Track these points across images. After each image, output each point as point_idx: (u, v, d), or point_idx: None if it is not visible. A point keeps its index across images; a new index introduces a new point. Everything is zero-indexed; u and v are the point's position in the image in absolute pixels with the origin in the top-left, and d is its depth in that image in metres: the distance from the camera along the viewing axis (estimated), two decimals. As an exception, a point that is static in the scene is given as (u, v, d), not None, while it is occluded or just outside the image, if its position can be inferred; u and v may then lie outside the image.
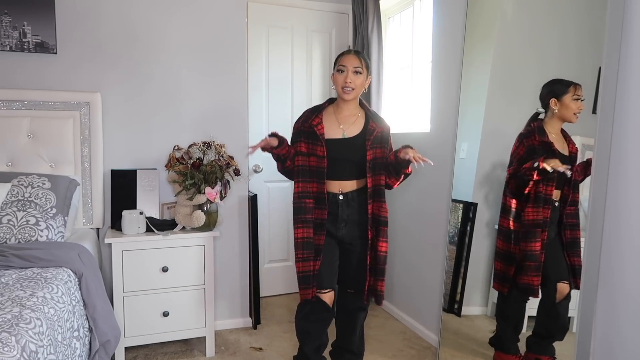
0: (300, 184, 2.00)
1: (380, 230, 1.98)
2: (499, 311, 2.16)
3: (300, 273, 1.97)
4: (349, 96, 1.96)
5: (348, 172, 1.99)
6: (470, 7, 2.29)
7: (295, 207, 1.99)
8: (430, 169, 2.71)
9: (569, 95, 1.86)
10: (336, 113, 2.03)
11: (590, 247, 1.70)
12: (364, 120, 2.03)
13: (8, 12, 2.41)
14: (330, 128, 1.99)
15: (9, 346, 1.24)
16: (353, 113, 2.03)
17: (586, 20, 1.90)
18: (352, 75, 1.93)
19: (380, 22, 3.15)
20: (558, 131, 1.93)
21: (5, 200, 2.14)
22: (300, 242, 1.96)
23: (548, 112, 1.95)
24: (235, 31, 2.81)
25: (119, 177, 2.57)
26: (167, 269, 2.43)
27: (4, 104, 2.40)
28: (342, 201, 1.99)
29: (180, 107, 2.75)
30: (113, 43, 2.60)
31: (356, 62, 1.94)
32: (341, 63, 1.96)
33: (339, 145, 1.97)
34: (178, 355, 2.55)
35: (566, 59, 1.99)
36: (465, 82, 2.33)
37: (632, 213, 1.58)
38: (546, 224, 1.96)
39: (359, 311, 2.10)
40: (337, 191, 1.99)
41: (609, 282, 1.66)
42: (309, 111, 2.05)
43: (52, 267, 1.87)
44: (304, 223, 1.96)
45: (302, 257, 1.96)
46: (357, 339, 2.13)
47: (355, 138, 1.99)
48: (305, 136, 1.99)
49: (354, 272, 2.04)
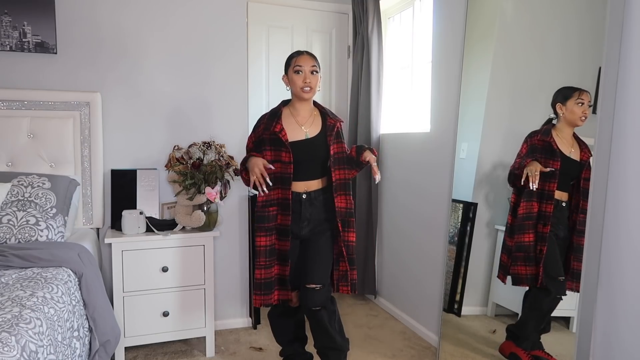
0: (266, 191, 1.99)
1: (348, 222, 2.03)
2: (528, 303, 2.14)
3: (261, 280, 1.99)
4: (308, 95, 1.99)
5: (313, 171, 2.03)
6: (470, 7, 2.29)
7: (259, 215, 2.01)
8: (430, 169, 2.73)
9: (573, 100, 1.92)
10: (294, 115, 2.05)
11: (590, 247, 1.70)
12: (320, 118, 2.08)
13: (8, 12, 2.41)
14: (292, 131, 2.01)
15: (9, 346, 1.24)
16: (310, 113, 2.07)
17: (587, 19, 1.90)
18: (310, 75, 1.98)
19: (380, 22, 3.16)
20: (568, 136, 1.98)
21: (5, 200, 2.14)
22: (263, 250, 1.99)
23: (558, 118, 2.01)
24: (235, 31, 2.81)
25: (119, 177, 2.57)
26: (167, 269, 2.43)
27: (4, 104, 2.40)
28: (305, 200, 2.02)
29: (180, 107, 2.75)
30: (113, 43, 2.61)
31: (312, 62, 2.00)
32: (297, 63, 1.99)
33: (303, 146, 1.99)
34: (178, 355, 2.55)
35: (567, 59, 2.00)
36: (465, 82, 2.33)
37: (632, 213, 1.58)
38: (543, 218, 2.00)
39: (321, 310, 2.01)
40: (302, 190, 2.02)
41: (608, 282, 1.66)
42: (267, 117, 2.05)
43: (52, 267, 1.87)
44: (267, 232, 1.99)
45: (264, 265, 1.99)
46: (334, 334, 2.06)
47: (317, 137, 2.03)
48: (269, 143, 2.00)
49: (317, 266, 2.02)
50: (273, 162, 1.98)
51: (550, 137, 1.99)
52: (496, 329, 2.23)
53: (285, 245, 2.01)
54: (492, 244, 2.23)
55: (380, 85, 3.17)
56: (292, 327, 2.20)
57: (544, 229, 2.00)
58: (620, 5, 1.60)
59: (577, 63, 1.95)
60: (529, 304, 2.11)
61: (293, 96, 2.07)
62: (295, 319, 2.19)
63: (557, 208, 1.99)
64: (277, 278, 2.03)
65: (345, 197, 2.04)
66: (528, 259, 2.04)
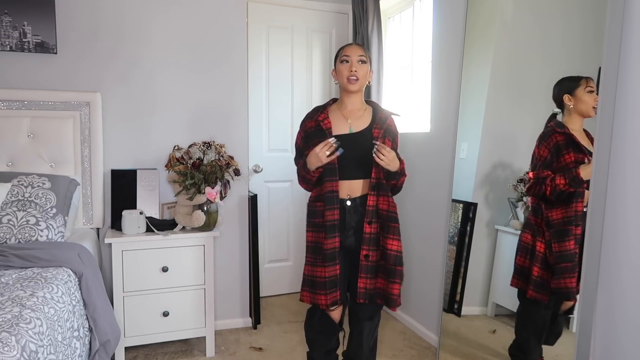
0: (317, 186, 1.90)
1: (388, 227, 1.85)
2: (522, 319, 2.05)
3: (307, 277, 1.90)
4: (354, 86, 1.85)
5: (356, 170, 1.86)
6: (470, 6, 2.29)
7: (310, 210, 1.92)
8: (430, 169, 2.73)
9: (582, 89, 1.78)
10: (341, 109, 1.92)
11: (590, 247, 1.70)
12: (371, 114, 1.92)
13: (8, 12, 2.41)
14: (336, 123, 1.88)
15: (9, 346, 1.24)
16: (359, 107, 1.92)
17: (587, 18, 1.90)
18: (357, 65, 1.84)
19: (380, 22, 3.15)
20: (579, 128, 1.82)
21: (6, 200, 2.14)
22: (311, 246, 1.90)
23: (565, 111, 1.86)
24: (235, 31, 2.81)
25: (119, 177, 2.57)
26: (167, 269, 2.43)
27: (4, 104, 2.40)
28: (350, 207, 1.87)
29: (181, 107, 2.75)
30: (113, 43, 2.61)
31: (360, 52, 1.87)
32: (345, 53, 1.87)
33: (346, 140, 1.82)
34: (178, 355, 2.55)
35: (567, 59, 1.99)
36: (465, 82, 2.33)
37: (632, 213, 1.58)
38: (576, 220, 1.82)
39: (366, 321, 1.96)
40: (345, 196, 1.87)
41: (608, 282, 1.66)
42: (313, 110, 1.96)
43: (52, 267, 1.87)
44: (314, 227, 1.90)
45: (311, 261, 1.90)
46: (365, 350, 2.00)
47: (363, 132, 1.87)
48: (314, 136, 1.87)
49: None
50: None
51: (569, 130, 1.81)
52: (496, 329, 2.23)
53: (334, 243, 1.84)
54: (492, 244, 2.22)
55: (380, 85, 3.17)
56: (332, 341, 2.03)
57: (577, 230, 1.82)
58: (620, 5, 1.59)
59: (577, 63, 1.94)
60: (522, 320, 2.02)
61: (341, 90, 1.93)
62: (330, 332, 2.01)
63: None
64: (326, 280, 1.85)
65: (385, 199, 1.86)
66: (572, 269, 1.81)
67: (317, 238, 1.89)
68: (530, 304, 1.98)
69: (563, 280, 1.86)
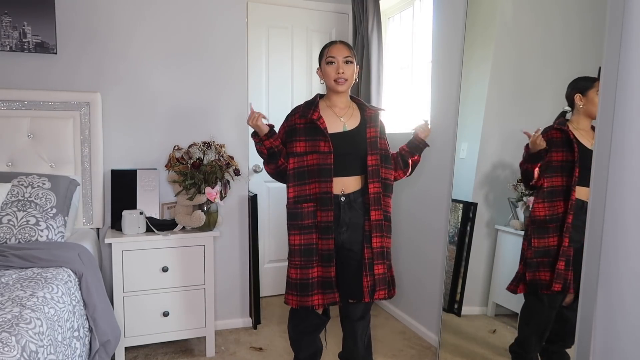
0: (296, 187, 1.86)
1: (384, 227, 1.88)
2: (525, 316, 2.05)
3: (296, 280, 1.86)
4: (342, 87, 1.86)
5: (350, 167, 1.87)
6: (470, 6, 2.29)
7: (290, 212, 1.88)
8: (430, 168, 2.73)
9: (594, 90, 1.78)
10: (331, 107, 1.92)
11: (590, 247, 1.70)
12: (359, 112, 1.95)
13: (8, 12, 2.41)
14: (330, 122, 1.87)
15: (9, 346, 1.24)
16: (347, 105, 1.94)
17: (587, 18, 1.90)
18: (344, 65, 1.84)
19: (380, 22, 3.15)
20: (587, 128, 1.84)
21: (6, 200, 2.14)
22: (297, 249, 1.86)
23: (574, 110, 1.88)
24: (235, 31, 2.81)
25: (119, 177, 2.57)
26: (167, 269, 2.43)
27: (4, 104, 2.40)
28: (344, 203, 1.86)
29: (180, 107, 2.75)
30: (113, 43, 2.60)
31: (346, 52, 1.86)
32: (330, 54, 1.86)
33: (341, 139, 1.85)
34: (178, 355, 2.55)
35: (567, 58, 1.99)
36: (465, 82, 2.33)
37: (632, 213, 1.58)
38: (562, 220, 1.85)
39: (358, 321, 1.99)
40: (339, 192, 1.86)
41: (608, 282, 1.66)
42: (303, 106, 1.92)
43: (52, 267, 1.87)
44: (301, 229, 1.85)
45: (299, 264, 1.86)
46: (361, 349, 2.02)
47: (356, 130, 1.90)
48: (303, 133, 1.86)
49: (354, 280, 1.88)
50: (309, 153, 1.85)
51: (567, 128, 1.86)
52: (496, 328, 2.23)
53: (328, 245, 1.84)
54: (492, 244, 2.22)
55: (380, 85, 3.17)
56: (317, 341, 2.07)
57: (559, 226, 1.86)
58: (620, 5, 1.59)
59: (577, 62, 1.94)
60: (525, 318, 2.02)
61: (328, 90, 1.94)
62: (314, 328, 2.02)
63: (578, 206, 1.82)
64: (320, 281, 1.86)
65: (386, 201, 1.89)
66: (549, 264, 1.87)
67: (307, 240, 1.85)
68: (534, 302, 1.99)
69: (538, 273, 1.93)
